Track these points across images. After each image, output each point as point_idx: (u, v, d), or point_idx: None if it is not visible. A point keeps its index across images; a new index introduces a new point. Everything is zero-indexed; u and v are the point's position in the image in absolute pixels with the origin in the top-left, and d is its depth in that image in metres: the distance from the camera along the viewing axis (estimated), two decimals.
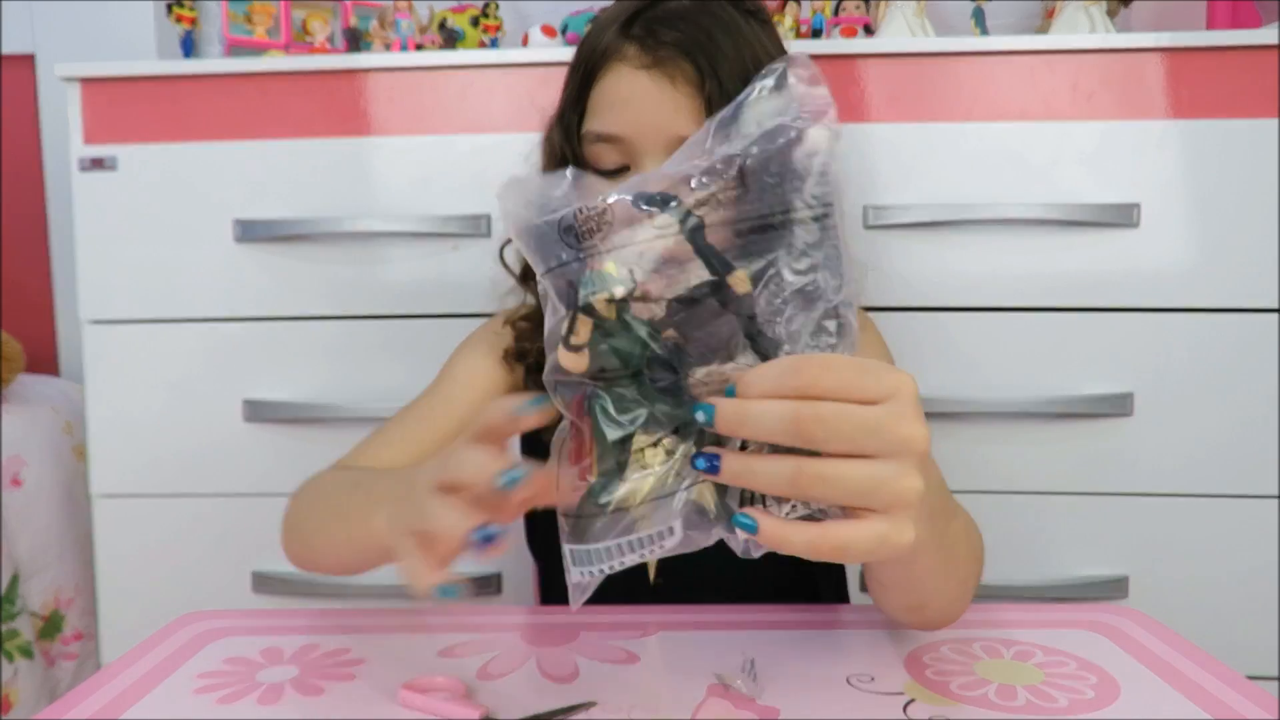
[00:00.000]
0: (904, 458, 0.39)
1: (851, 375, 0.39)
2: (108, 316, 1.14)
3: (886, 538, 0.39)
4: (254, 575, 1.15)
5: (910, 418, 0.39)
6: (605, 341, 0.41)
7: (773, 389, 0.39)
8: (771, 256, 0.40)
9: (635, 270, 0.40)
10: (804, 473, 0.38)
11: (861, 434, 0.38)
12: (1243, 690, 0.53)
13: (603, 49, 0.70)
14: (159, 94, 1.12)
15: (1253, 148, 1.04)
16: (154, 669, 0.58)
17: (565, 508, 0.43)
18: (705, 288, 0.40)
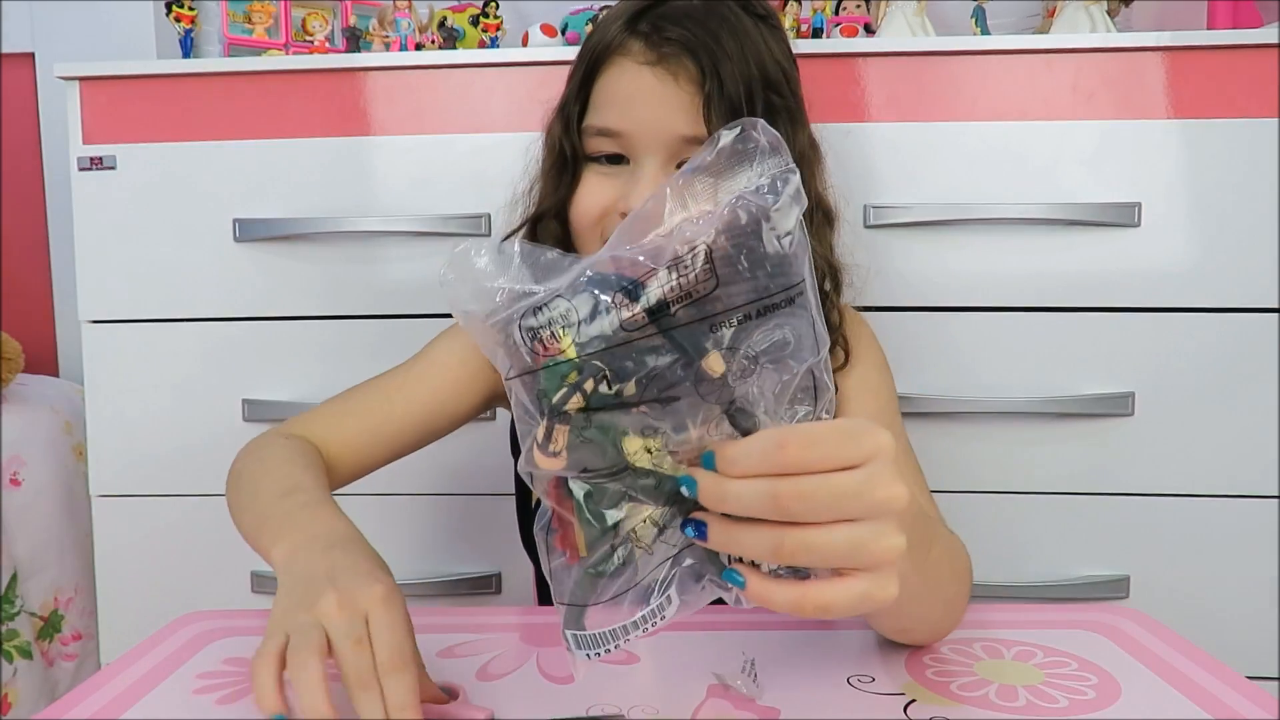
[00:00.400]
0: (884, 519, 0.40)
1: (832, 445, 0.39)
2: (107, 316, 1.14)
3: (869, 594, 0.40)
4: (254, 575, 1.15)
5: (889, 479, 0.39)
6: (580, 437, 0.40)
7: (756, 468, 0.39)
8: (745, 337, 0.39)
9: (602, 361, 0.39)
10: (787, 542, 0.39)
11: (842, 501, 0.39)
12: (1243, 690, 0.53)
13: (607, 43, 0.70)
14: (158, 93, 1.12)
15: (1253, 148, 1.04)
16: (153, 669, 0.58)
17: (558, 592, 0.43)
18: (677, 369, 0.39)
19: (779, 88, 0.70)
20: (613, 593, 0.42)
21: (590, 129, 0.71)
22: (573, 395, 0.39)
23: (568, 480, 0.41)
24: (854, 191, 1.05)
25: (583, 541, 0.41)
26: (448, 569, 1.15)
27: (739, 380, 0.39)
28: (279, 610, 0.49)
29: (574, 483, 0.41)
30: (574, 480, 0.41)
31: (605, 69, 0.71)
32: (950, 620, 0.60)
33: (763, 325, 0.39)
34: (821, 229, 0.76)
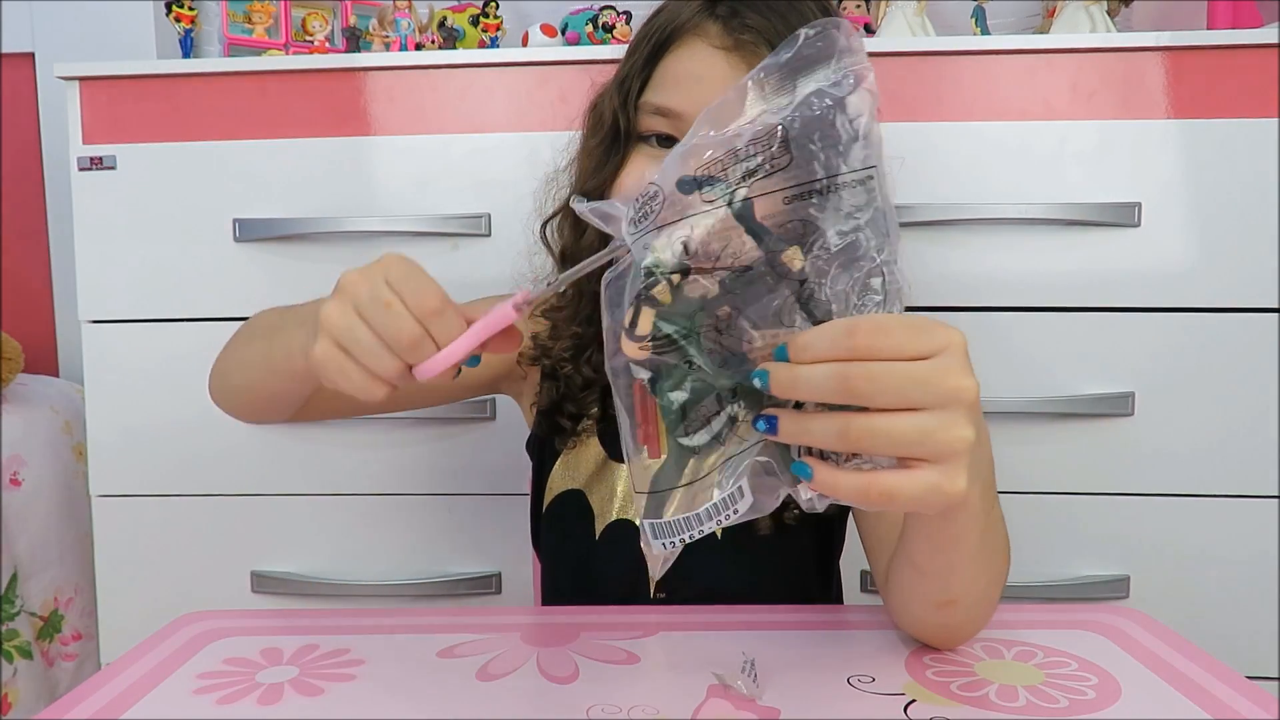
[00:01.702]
0: (953, 408, 0.40)
1: (902, 334, 0.40)
2: (107, 316, 1.14)
3: (937, 486, 0.41)
4: (254, 575, 1.15)
5: (958, 370, 0.40)
6: (664, 324, 0.42)
7: (826, 352, 0.40)
8: (818, 222, 0.40)
9: (687, 252, 0.41)
10: (853, 426, 0.40)
11: (909, 387, 0.40)
12: (1243, 690, 0.53)
13: (682, 22, 0.68)
14: (158, 93, 1.12)
15: (1253, 148, 1.04)
16: (153, 669, 0.58)
17: (640, 485, 0.45)
18: (759, 263, 0.41)
19: None
20: (686, 480, 0.43)
21: (648, 105, 0.68)
22: (659, 282, 0.41)
23: (653, 381, 0.43)
24: None
25: (664, 437, 0.43)
26: (448, 569, 1.15)
27: (816, 276, 0.41)
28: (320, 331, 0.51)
29: (657, 381, 0.43)
30: (657, 379, 0.43)
31: (675, 47, 0.68)
32: (988, 604, 0.59)
33: (836, 211, 0.40)
34: None
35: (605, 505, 0.76)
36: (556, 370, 0.76)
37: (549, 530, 0.80)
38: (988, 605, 0.59)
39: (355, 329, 0.48)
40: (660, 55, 0.69)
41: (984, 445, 0.48)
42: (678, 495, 0.44)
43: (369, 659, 0.58)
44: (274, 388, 0.67)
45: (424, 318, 0.46)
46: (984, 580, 0.56)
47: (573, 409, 0.75)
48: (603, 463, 0.76)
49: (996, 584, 0.58)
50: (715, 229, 0.41)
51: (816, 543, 0.78)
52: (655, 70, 0.69)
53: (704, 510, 0.44)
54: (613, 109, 0.71)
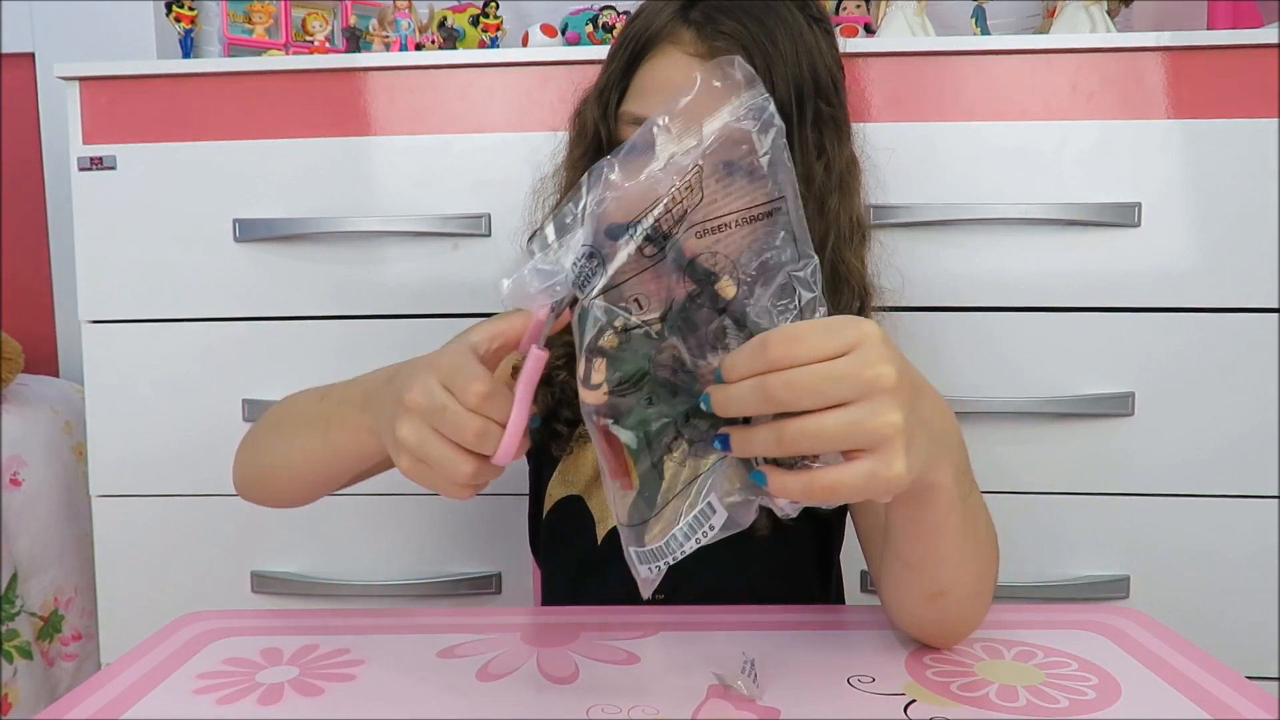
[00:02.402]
0: (875, 397, 0.42)
1: (812, 338, 0.42)
2: (107, 316, 1.14)
3: (874, 472, 0.42)
4: (254, 575, 1.15)
5: (874, 360, 0.42)
6: (617, 370, 0.45)
7: (748, 369, 0.42)
8: (736, 251, 0.44)
9: (628, 302, 0.44)
10: (786, 431, 0.42)
11: (828, 385, 0.41)
12: (1243, 690, 0.53)
13: (657, 30, 0.68)
14: (158, 93, 1.12)
15: (1253, 148, 1.04)
16: (154, 669, 0.58)
17: (620, 518, 0.47)
18: (696, 298, 0.44)
19: (828, 96, 0.68)
20: (658, 507, 0.46)
21: (627, 115, 0.69)
22: (605, 332, 0.44)
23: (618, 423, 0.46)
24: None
25: (633, 471, 0.46)
26: (448, 569, 1.15)
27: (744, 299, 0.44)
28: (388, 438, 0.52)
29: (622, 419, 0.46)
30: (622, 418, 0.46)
31: (651, 56, 0.68)
32: (981, 599, 0.59)
33: (748, 237, 0.43)
34: (859, 247, 0.73)
35: (606, 510, 0.75)
36: (551, 377, 0.76)
37: (549, 537, 0.80)
38: (980, 599, 0.59)
39: (426, 443, 0.48)
40: (637, 64, 0.69)
41: (949, 431, 0.49)
42: (654, 523, 0.46)
43: (369, 659, 0.58)
44: (330, 475, 0.66)
45: (479, 407, 0.47)
46: (972, 570, 0.56)
47: (569, 414, 0.75)
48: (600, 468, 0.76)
49: (986, 576, 0.58)
50: (649, 273, 0.44)
51: (815, 542, 0.78)
52: (633, 79, 0.69)
53: (679, 532, 0.46)
54: (593, 119, 0.71)
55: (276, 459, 0.67)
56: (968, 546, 0.54)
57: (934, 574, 0.55)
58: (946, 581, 0.55)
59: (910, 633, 0.61)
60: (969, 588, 0.57)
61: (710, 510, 0.45)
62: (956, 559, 0.54)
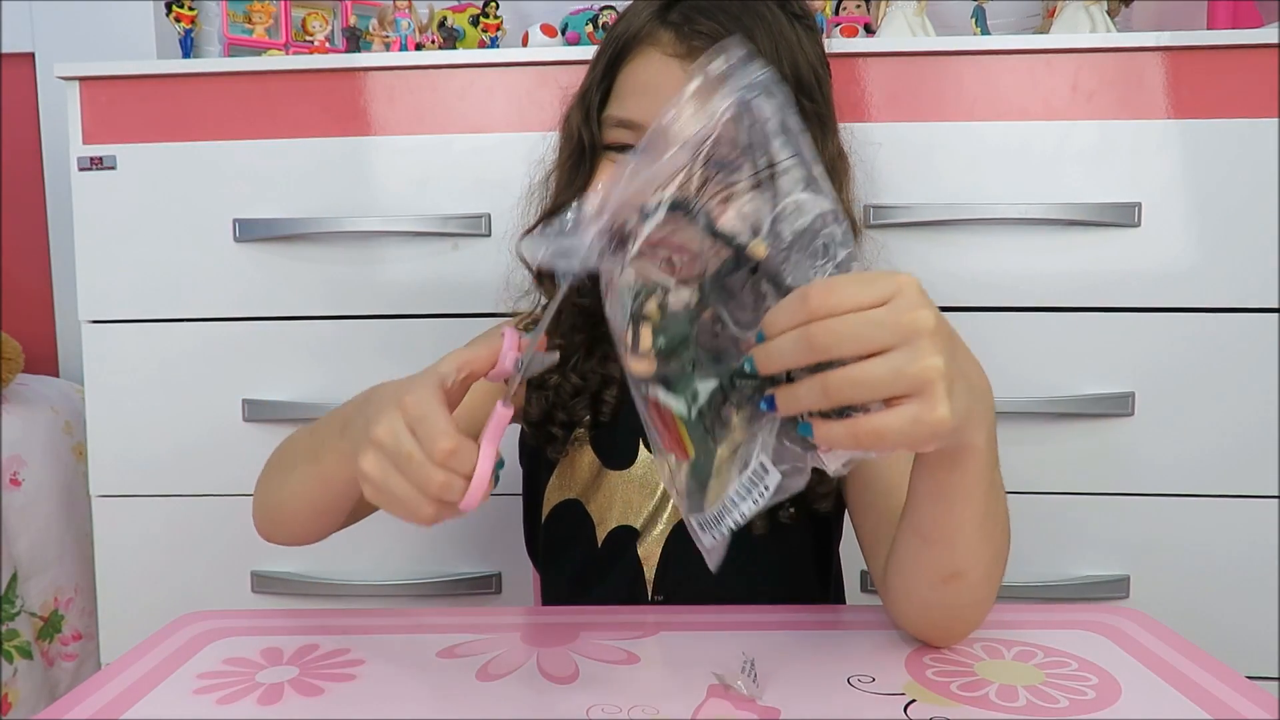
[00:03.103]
0: (916, 341, 0.42)
1: (851, 287, 0.42)
2: (107, 316, 1.14)
3: (918, 417, 0.42)
4: (254, 575, 1.15)
5: (912, 306, 0.42)
6: (663, 337, 0.46)
7: (788, 322, 0.43)
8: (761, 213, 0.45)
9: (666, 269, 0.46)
10: (831, 381, 0.42)
11: (869, 331, 0.42)
12: (1243, 690, 0.53)
13: (635, 32, 0.68)
14: (158, 93, 1.12)
15: (1253, 148, 1.04)
16: (154, 669, 0.58)
17: (675, 490, 0.48)
18: (730, 263, 0.45)
19: (811, 92, 0.68)
20: (714, 473, 0.47)
21: (610, 119, 0.69)
22: (648, 300, 0.46)
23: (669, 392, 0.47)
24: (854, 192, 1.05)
25: (687, 439, 0.47)
26: (448, 569, 1.15)
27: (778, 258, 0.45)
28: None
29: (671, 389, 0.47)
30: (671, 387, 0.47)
31: (631, 58, 0.68)
32: (991, 582, 0.58)
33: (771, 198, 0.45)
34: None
35: (605, 513, 0.75)
36: (544, 381, 0.75)
37: (548, 542, 0.80)
38: (989, 591, 0.58)
39: (389, 480, 0.50)
40: (618, 66, 0.69)
41: (980, 391, 0.49)
42: (711, 488, 0.47)
43: (369, 659, 0.58)
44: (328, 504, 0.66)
45: (443, 462, 0.48)
46: (988, 555, 0.56)
47: (564, 417, 0.75)
48: (598, 471, 0.76)
49: (998, 564, 0.58)
50: (677, 238, 0.45)
51: (814, 542, 0.77)
52: (615, 82, 0.70)
53: (734, 493, 0.46)
54: (577, 123, 0.71)
55: (281, 497, 0.68)
56: (987, 526, 0.54)
57: (951, 551, 0.55)
58: (963, 561, 0.55)
59: (915, 625, 0.60)
60: (982, 574, 0.56)
61: (764, 470, 0.46)
62: (977, 536, 0.54)
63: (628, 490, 0.74)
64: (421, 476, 0.48)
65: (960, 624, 0.59)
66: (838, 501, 0.76)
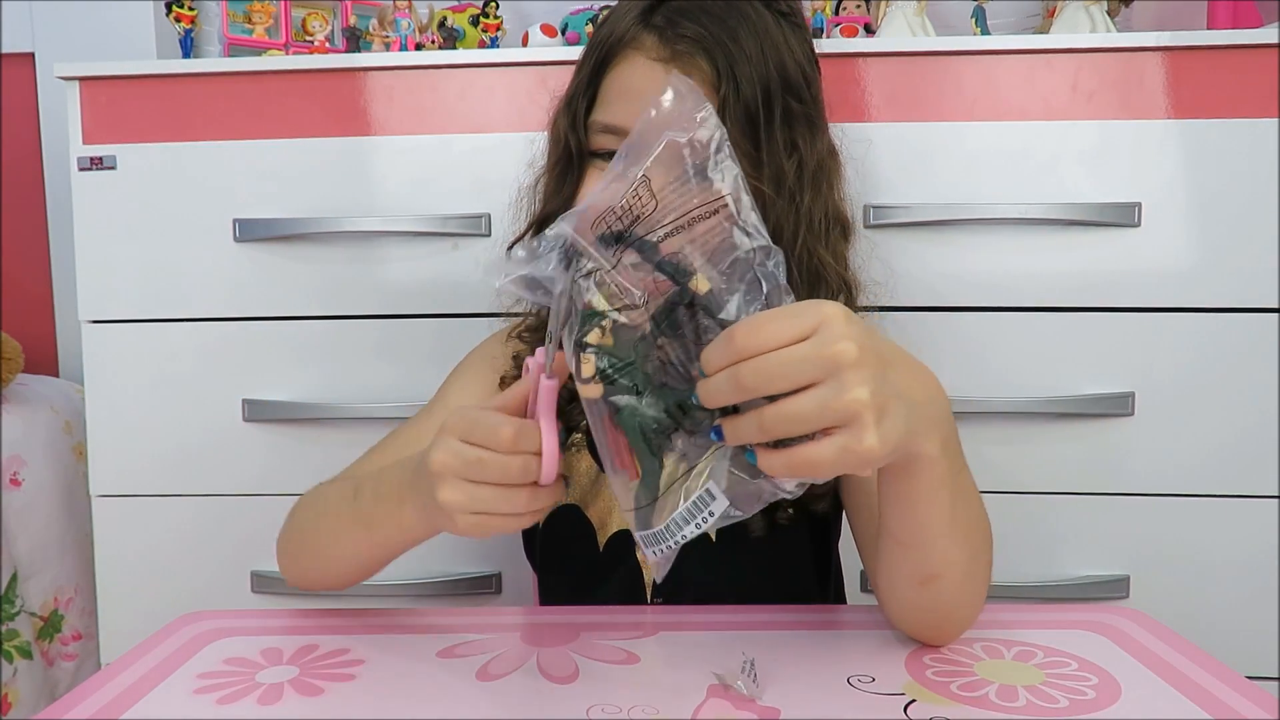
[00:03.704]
0: (840, 374, 0.43)
1: (773, 325, 0.43)
2: (107, 316, 1.14)
3: (846, 447, 0.43)
4: (254, 575, 1.15)
5: (834, 338, 0.43)
6: (606, 363, 0.47)
7: (719, 362, 0.44)
8: (692, 251, 0.46)
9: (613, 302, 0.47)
10: (765, 416, 0.44)
11: (794, 368, 0.43)
12: (1243, 690, 0.53)
13: (619, 36, 0.67)
14: (158, 93, 1.12)
15: (1253, 148, 1.04)
16: (154, 669, 0.58)
17: (625, 504, 0.49)
18: (672, 301, 0.47)
19: (799, 91, 0.67)
20: (660, 493, 0.48)
21: (596, 124, 0.68)
22: (592, 329, 0.47)
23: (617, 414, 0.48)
24: (854, 192, 1.05)
25: (635, 459, 0.48)
26: (448, 569, 1.15)
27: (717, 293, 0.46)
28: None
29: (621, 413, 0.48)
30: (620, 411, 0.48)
31: (616, 63, 0.68)
32: (974, 584, 0.58)
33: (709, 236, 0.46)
34: (838, 243, 0.72)
35: (605, 518, 0.75)
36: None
37: (547, 547, 0.80)
38: (972, 590, 0.58)
39: (475, 496, 0.51)
40: (603, 71, 0.69)
41: (932, 402, 0.50)
42: (658, 508, 0.48)
43: (369, 659, 0.58)
44: (383, 563, 0.68)
45: (513, 449, 0.50)
46: (963, 556, 0.56)
47: (561, 422, 0.75)
48: (596, 476, 0.75)
49: (978, 564, 0.58)
50: (631, 273, 0.47)
51: (812, 543, 0.77)
52: (600, 87, 0.69)
53: (679, 516, 0.48)
54: (564, 128, 0.71)
55: (327, 560, 0.69)
56: (958, 528, 0.54)
57: (924, 553, 0.55)
58: (938, 563, 0.55)
59: (904, 625, 0.60)
60: (960, 571, 0.56)
61: (709, 497, 0.47)
62: (947, 538, 0.54)
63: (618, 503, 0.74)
64: (499, 470, 0.50)
65: (949, 624, 0.60)
66: (835, 501, 0.76)
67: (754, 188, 0.65)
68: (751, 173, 0.65)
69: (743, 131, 0.64)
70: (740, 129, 0.64)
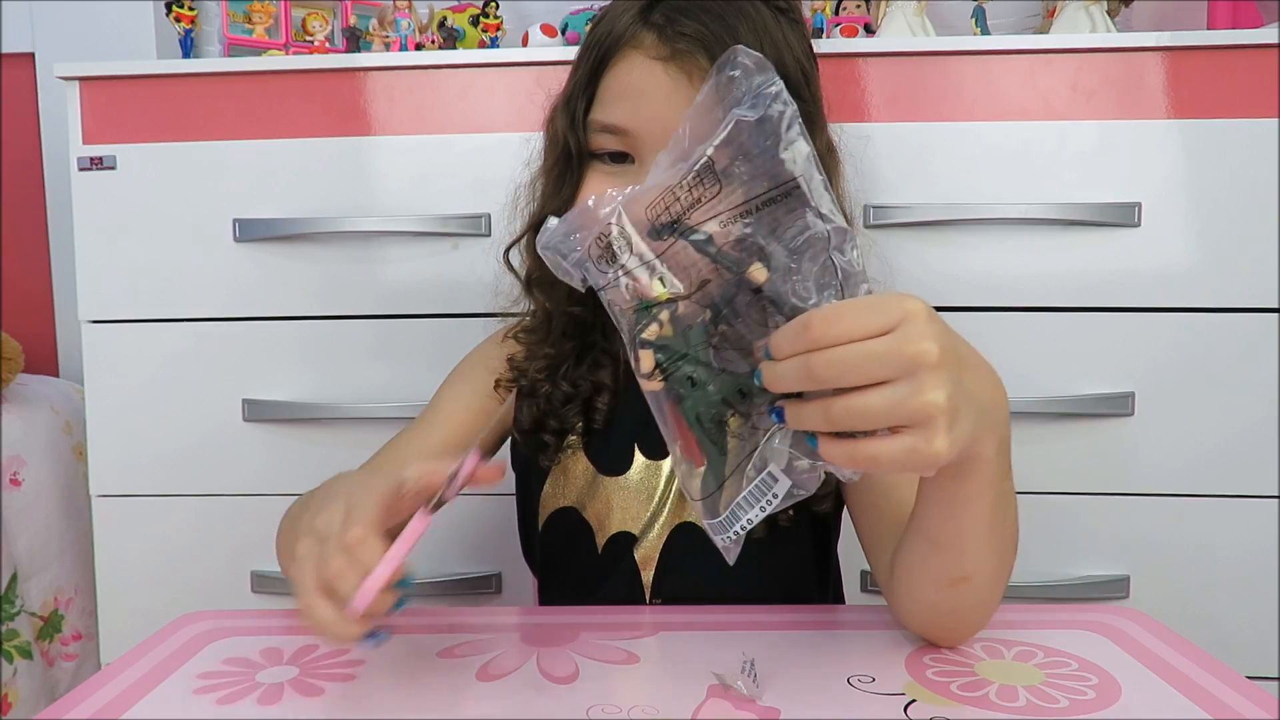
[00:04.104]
0: (918, 374, 0.42)
1: (853, 317, 0.42)
2: (107, 316, 1.14)
3: (914, 448, 0.42)
4: (254, 575, 1.15)
5: (917, 337, 0.42)
6: (663, 355, 0.47)
7: (790, 348, 0.43)
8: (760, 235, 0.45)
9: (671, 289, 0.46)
10: (833, 408, 0.43)
11: (870, 364, 0.42)
12: (1243, 690, 0.53)
13: (619, 34, 0.67)
14: (158, 93, 1.12)
15: (1253, 148, 1.04)
16: (154, 669, 0.58)
17: (693, 493, 0.49)
18: (732, 287, 0.46)
19: (798, 89, 0.67)
20: (725, 479, 0.48)
21: (596, 124, 0.68)
22: (650, 324, 0.46)
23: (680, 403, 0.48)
24: (854, 192, 1.05)
25: (700, 447, 0.48)
26: (448, 569, 1.15)
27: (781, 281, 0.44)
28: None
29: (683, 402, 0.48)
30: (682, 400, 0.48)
31: (615, 62, 0.67)
32: (995, 592, 0.58)
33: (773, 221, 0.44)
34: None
35: (603, 520, 0.75)
36: (535, 389, 0.75)
37: (546, 550, 0.80)
38: (994, 593, 0.58)
39: (304, 561, 0.48)
40: (601, 71, 0.68)
41: (997, 405, 0.49)
42: (724, 493, 0.48)
43: (369, 659, 0.58)
44: None
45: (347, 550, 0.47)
46: (995, 559, 0.56)
47: (555, 424, 0.75)
48: (592, 478, 0.75)
49: (1005, 568, 0.57)
50: (684, 263, 0.46)
51: (813, 544, 0.77)
52: (599, 86, 0.68)
53: (743, 499, 0.48)
54: (563, 128, 0.70)
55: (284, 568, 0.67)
56: (996, 531, 0.54)
57: (959, 556, 0.54)
58: (970, 566, 0.55)
59: (920, 626, 0.60)
60: (990, 575, 0.56)
61: (772, 479, 0.47)
62: (985, 542, 0.54)
63: (625, 496, 0.74)
64: (323, 560, 0.47)
65: (966, 625, 0.59)
66: (836, 501, 0.76)
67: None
68: None
69: None
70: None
